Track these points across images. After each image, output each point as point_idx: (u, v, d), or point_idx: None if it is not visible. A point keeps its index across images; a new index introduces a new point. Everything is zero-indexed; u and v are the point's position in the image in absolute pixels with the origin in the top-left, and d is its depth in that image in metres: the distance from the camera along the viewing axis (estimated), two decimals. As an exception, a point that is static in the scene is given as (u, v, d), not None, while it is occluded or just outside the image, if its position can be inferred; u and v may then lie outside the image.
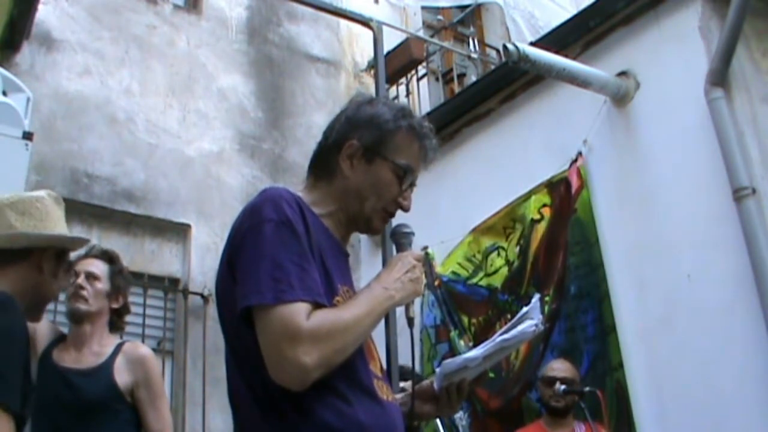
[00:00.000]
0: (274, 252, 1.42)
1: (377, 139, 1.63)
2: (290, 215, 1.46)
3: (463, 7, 7.63)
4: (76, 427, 2.73)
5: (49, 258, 1.99)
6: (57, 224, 2.04)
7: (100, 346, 2.89)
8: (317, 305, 1.42)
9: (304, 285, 1.41)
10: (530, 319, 1.71)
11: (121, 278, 3.05)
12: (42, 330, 2.96)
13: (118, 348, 2.90)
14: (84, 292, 2.90)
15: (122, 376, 2.83)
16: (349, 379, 1.47)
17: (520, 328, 1.70)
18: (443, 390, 1.75)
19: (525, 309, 1.73)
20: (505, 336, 1.70)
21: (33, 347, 2.91)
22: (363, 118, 1.65)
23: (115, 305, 2.99)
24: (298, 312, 1.38)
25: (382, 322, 1.56)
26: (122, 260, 3.12)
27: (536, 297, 1.77)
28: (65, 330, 3.06)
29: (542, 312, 1.82)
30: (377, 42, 5.58)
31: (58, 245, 2.03)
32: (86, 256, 3.03)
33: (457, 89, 6.43)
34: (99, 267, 2.98)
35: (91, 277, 2.94)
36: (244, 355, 1.48)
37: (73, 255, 2.25)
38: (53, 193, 2.12)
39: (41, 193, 2.08)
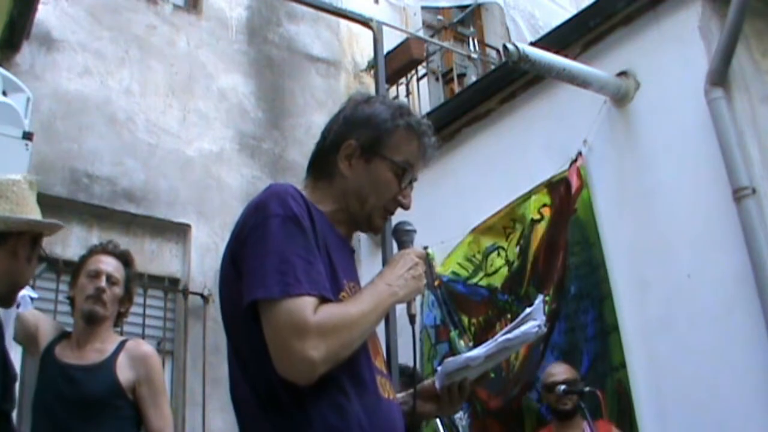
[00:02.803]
0: (280, 246, 1.42)
1: (375, 139, 1.62)
2: (296, 210, 1.47)
3: (463, 7, 7.63)
4: (77, 423, 2.74)
5: (24, 243, 1.94)
6: (32, 209, 1.98)
7: (103, 343, 2.91)
8: (323, 299, 1.42)
9: (311, 279, 1.41)
10: (533, 320, 1.70)
11: (133, 283, 3.07)
12: (45, 327, 2.98)
13: (120, 345, 2.92)
14: (105, 296, 2.91)
15: (124, 373, 2.84)
16: (351, 375, 1.47)
17: (522, 328, 1.70)
18: (444, 389, 1.75)
19: (528, 310, 1.73)
20: (508, 336, 1.70)
21: (35, 344, 2.93)
22: (360, 117, 1.65)
23: (122, 309, 3.01)
24: (305, 306, 1.38)
25: (383, 319, 1.57)
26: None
27: (539, 298, 1.77)
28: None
29: (544, 313, 1.81)
30: (377, 42, 5.57)
31: (34, 230, 1.98)
32: (103, 251, 3.02)
33: (457, 89, 6.43)
34: (119, 270, 2.98)
35: (111, 280, 2.94)
36: (247, 353, 1.48)
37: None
38: (29, 176, 2.06)
39: (17, 176, 2.02)
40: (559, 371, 3.99)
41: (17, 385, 2.23)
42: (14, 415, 2.19)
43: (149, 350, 2.99)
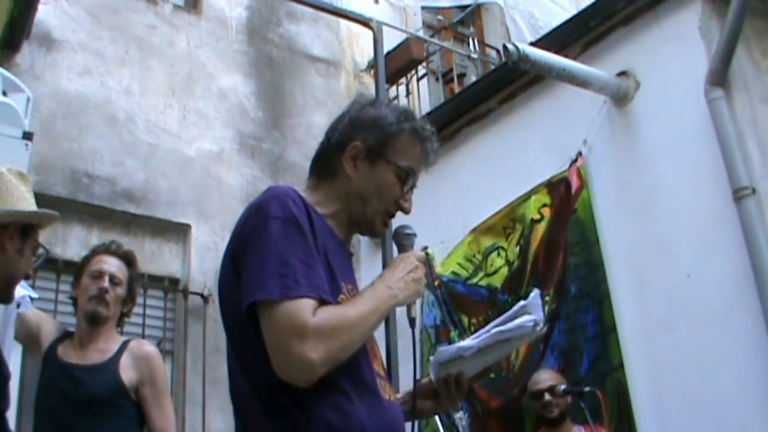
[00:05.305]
0: (280, 249, 1.43)
1: (380, 141, 1.64)
2: (296, 213, 1.47)
3: (463, 7, 7.64)
4: (80, 422, 2.75)
5: (11, 235, 1.89)
6: (20, 200, 1.93)
7: (106, 343, 2.92)
8: (323, 302, 1.42)
9: (310, 281, 1.41)
10: (528, 314, 1.67)
11: (136, 284, 3.08)
12: (47, 327, 2.99)
13: (123, 346, 2.93)
14: (108, 297, 2.92)
15: (127, 373, 2.85)
16: (353, 377, 1.47)
17: (517, 321, 1.67)
18: (441, 383, 1.74)
19: (522, 302, 1.70)
20: (501, 328, 1.67)
21: (37, 344, 2.94)
22: (366, 119, 1.66)
23: (125, 309, 3.02)
24: (305, 308, 1.38)
25: (383, 322, 1.57)
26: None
27: (536, 292, 1.72)
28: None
29: (544, 311, 1.78)
30: (377, 42, 5.59)
31: (20, 221, 1.92)
32: (106, 251, 3.03)
33: (457, 89, 6.42)
34: (122, 271, 2.99)
35: (114, 280, 2.95)
36: (247, 353, 1.48)
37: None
38: (14, 168, 2.01)
39: (0, 168, 1.98)
40: (544, 378, 3.97)
41: (17, 385, 2.23)
42: (15, 415, 2.19)
43: (152, 350, 3.00)
